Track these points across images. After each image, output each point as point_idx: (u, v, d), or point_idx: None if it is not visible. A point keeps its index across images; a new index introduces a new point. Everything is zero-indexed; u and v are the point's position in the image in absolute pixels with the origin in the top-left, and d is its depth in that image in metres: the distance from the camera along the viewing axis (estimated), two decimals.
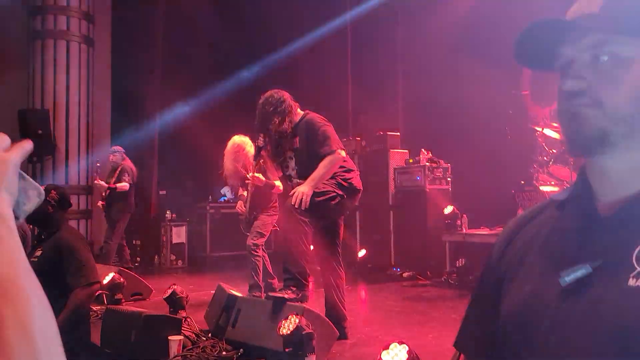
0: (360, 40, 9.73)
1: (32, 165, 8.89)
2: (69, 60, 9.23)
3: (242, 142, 5.45)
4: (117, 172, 7.50)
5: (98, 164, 7.87)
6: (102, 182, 7.45)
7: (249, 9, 9.71)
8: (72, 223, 8.04)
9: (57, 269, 3.27)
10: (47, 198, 3.42)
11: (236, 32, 10.20)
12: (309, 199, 3.55)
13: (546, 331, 0.77)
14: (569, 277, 0.76)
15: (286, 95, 3.94)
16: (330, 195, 3.73)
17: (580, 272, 0.76)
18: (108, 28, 10.17)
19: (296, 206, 3.56)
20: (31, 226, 5.36)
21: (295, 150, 3.89)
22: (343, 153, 3.80)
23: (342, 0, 9.67)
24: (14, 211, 0.63)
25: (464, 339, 1.00)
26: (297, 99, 4.08)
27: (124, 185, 7.39)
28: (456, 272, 6.72)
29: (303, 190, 3.58)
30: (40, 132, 8.71)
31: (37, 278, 0.61)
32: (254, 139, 5.34)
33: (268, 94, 3.95)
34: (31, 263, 2.39)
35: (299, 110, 3.97)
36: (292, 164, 3.94)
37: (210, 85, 10.29)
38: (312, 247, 3.93)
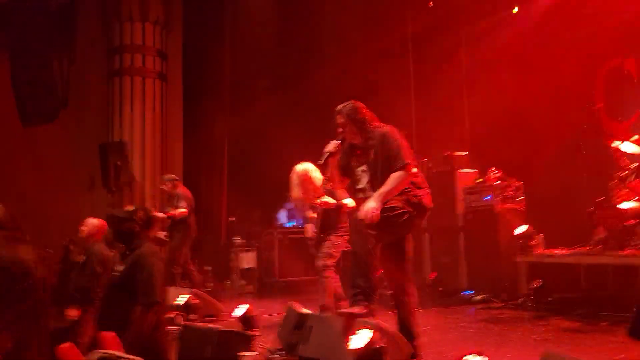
0: (423, 59, 9.70)
1: (112, 195, 9.38)
2: (145, 95, 9.77)
3: (305, 169, 5.50)
4: (176, 200, 7.56)
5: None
6: (160, 214, 7.52)
7: (310, 36, 9.94)
8: None
9: (131, 284, 3.44)
10: (135, 218, 3.73)
11: (299, 59, 10.45)
12: (377, 214, 3.52)
13: None
14: None
15: (362, 106, 3.91)
16: (399, 211, 3.68)
17: None
18: (179, 64, 10.69)
19: (365, 221, 3.54)
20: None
21: (369, 164, 3.87)
22: (414, 169, 3.74)
23: (403, 19, 9.71)
24: None
25: None
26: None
27: (183, 211, 7.45)
28: (533, 294, 6.43)
29: (371, 205, 3.56)
30: (119, 163, 9.22)
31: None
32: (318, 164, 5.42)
33: (345, 104, 3.92)
34: (113, 277, 2.59)
35: (375, 123, 3.91)
36: (365, 178, 3.92)
37: (276, 114, 10.54)
38: (380, 268, 3.87)
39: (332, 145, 3.88)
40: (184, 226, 7.55)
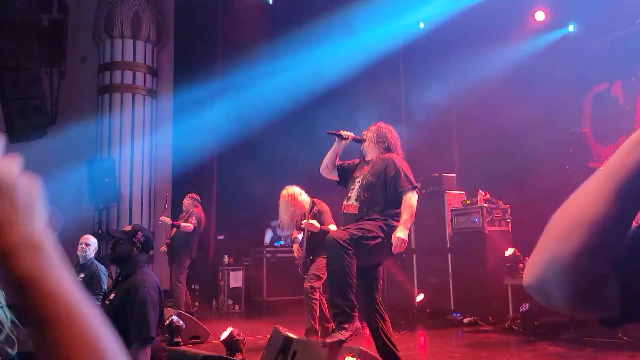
0: (413, 80, 9.79)
1: (99, 212, 9.30)
2: (134, 111, 9.75)
3: (292, 192, 5.56)
4: (187, 215, 7.62)
5: (166, 204, 8.02)
6: (168, 219, 7.55)
7: (302, 57, 9.99)
8: None
9: (125, 316, 3.10)
10: (134, 239, 3.36)
11: (292, 80, 10.47)
12: (405, 244, 3.70)
13: None
14: None
15: (394, 133, 4.15)
16: (371, 234, 3.74)
17: None
18: (170, 81, 10.70)
19: (398, 250, 3.71)
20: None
21: (363, 176, 3.97)
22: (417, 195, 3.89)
23: (394, 42, 9.80)
24: None
25: None
26: (353, 146, 4.20)
27: (188, 225, 7.44)
28: (520, 318, 6.43)
29: (400, 236, 3.68)
30: (106, 180, 9.16)
31: (92, 307, 0.57)
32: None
33: (385, 124, 4.20)
34: (105, 306, 2.47)
35: (390, 150, 4.07)
36: (357, 185, 4.01)
37: (266, 131, 10.55)
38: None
39: (346, 133, 4.11)
40: (186, 245, 7.48)
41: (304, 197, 5.43)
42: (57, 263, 0.56)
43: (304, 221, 5.11)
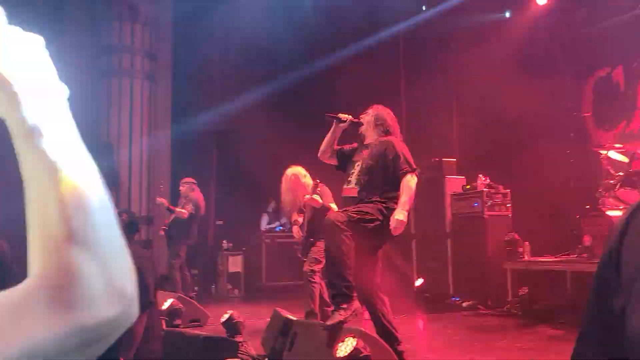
0: (413, 65, 9.71)
1: None
2: (132, 96, 9.68)
3: (296, 172, 5.52)
4: (185, 201, 7.62)
5: (162, 187, 8.07)
6: (164, 200, 7.55)
7: (301, 40, 9.92)
8: None
9: None
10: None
11: (290, 62, 10.41)
12: (404, 226, 3.67)
13: None
14: None
15: (392, 115, 4.12)
16: (369, 217, 3.73)
17: None
18: (169, 65, 10.60)
19: (397, 232, 3.68)
20: None
21: (363, 160, 3.97)
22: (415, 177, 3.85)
23: (394, 22, 9.71)
24: None
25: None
26: (352, 129, 4.18)
27: (183, 212, 7.43)
28: (519, 302, 6.44)
29: (398, 218, 3.64)
30: (104, 165, 9.12)
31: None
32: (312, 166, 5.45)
33: (383, 106, 4.18)
34: None
35: (395, 133, 4.06)
36: (357, 169, 4.01)
37: (266, 116, 10.50)
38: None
39: (345, 115, 4.07)
40: (184, 230, 7.49)
41: (308, 180, 5.40)
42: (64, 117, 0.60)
43: (307, 196, 5.11)
